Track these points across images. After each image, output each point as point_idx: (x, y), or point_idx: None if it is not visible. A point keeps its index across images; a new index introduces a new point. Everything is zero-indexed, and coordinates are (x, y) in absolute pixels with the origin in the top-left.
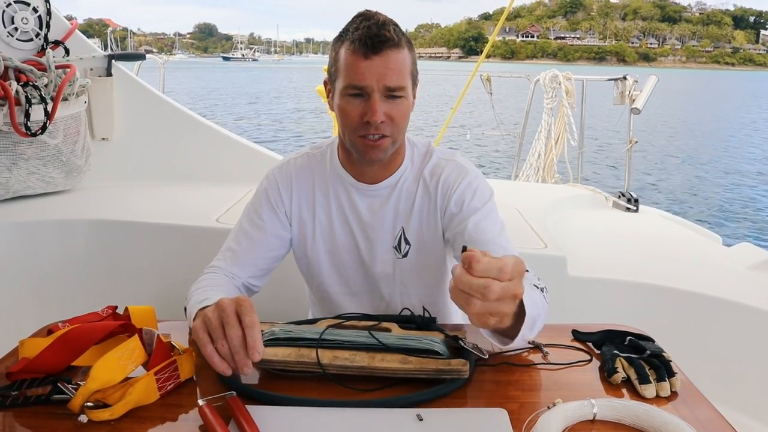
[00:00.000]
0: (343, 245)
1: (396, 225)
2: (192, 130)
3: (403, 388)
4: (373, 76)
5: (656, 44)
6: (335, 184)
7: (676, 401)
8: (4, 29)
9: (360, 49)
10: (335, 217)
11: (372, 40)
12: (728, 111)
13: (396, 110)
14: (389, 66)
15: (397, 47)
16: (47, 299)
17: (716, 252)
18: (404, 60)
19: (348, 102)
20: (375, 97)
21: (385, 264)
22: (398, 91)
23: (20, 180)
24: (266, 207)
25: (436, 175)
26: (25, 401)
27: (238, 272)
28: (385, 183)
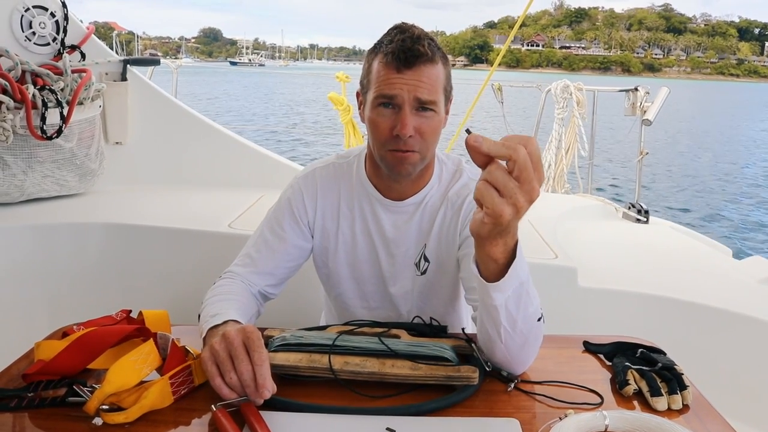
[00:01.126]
0: (364, 259)
1: (419, 243)
2: (205, 135)
3: (413, 395)
4: (405, 87)
5: (661, 55)
6: (360, 197)
7: (688, 414)
8: (21, 33)
9: (393, 62)
10: (359, 230)
11: (405, 54)
12: (737, 122)
13: (426, 125)
14: (421, 80)
15: (430, 62)
16: (61, 301)
17: (727, 265)
18: (437, 75)
19: (378, 113)
20: (405, 109)
21: (404, 281)
22: (429, 104)
23: (35, 183)
24: (288, 217)
25: (462, 196)
26: (40, 403)
27: (255, 280)
28: (410, 200)
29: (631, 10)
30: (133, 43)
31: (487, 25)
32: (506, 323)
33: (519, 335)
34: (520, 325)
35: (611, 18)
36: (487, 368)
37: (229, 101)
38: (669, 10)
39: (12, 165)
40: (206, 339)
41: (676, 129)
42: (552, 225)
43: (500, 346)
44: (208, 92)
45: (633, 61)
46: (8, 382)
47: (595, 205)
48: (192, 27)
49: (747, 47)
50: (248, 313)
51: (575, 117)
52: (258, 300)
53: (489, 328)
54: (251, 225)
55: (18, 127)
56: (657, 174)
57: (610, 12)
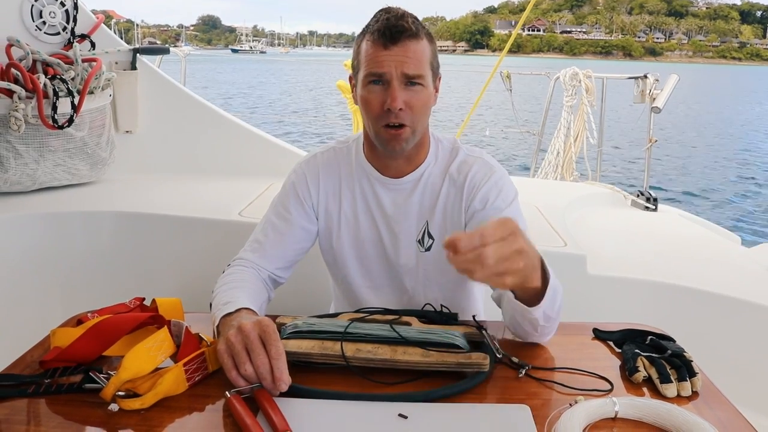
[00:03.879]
0: (367, 238)
1: (420, 219)
2: (214, 123)
3: (425, 382)
4: (392, 64)
5: (663, 39)
6: (360, 177)
7: (697, 401)
8: (32, 23)
9: (380, 39)
10: (360, 210)
11: (390, 31)
12: (742, 106)
13: (415, 98)
14: (408, 55)
15: (415, 37)
16: (74, 289)
17: (736, 252)
18: (423, 50)
19: (369, 91)
20: (394, 84)
21: (408, 257)
22: (417, 78)
23: (47, 171)
24: (293, 200)
25: (463, 172)
26: (57, 389)
27: (265, 264)
28: (409, 177)
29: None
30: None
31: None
32: (543, 322)
33: (552, 323)
34: (553, 316)
35: (612, 2)
36: (498, 355)
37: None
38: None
39: (24, 154)
40: (219, 328)
41: (682, 114)
42: (561, 213)
43: (535, 335)
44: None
45: (634, 45)
46: (24, 369)
47: (604, 192)
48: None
49: (749, 30)
50: (259, 300)
51: (584, 104)
52: (268, 286)
53: (526, 327)
54: (261, 213)
55: (30, 116)
56: (665, 161)
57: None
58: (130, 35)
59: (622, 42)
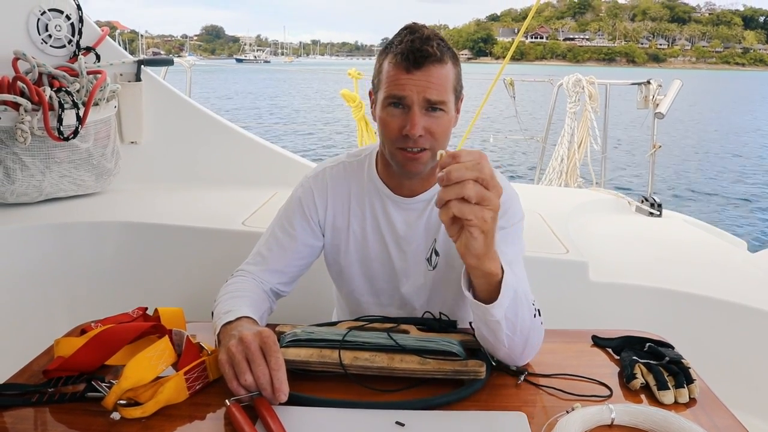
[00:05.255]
0: (375, 257)
1: (428, 237)
2: (218, 133)
3: (422, 390)
4: (414, 88)
5: (666, 45)
6: (371, 195)
7: (695, 408)
8: (38, 36)
9: (402, 62)
10: (369, 228)
11: (414, 55)
12: (746, 112)
13: (436, 124)
14: (431, 80)
15: (439, 62)
16: (79, 299)
17: (741, 258)
18: (446, 75)
19: (388, 113)
20: (415, 109)
21: (417, 277)
22: (439, 104)
23: (53, 183)
24: (299, 216)
25: None
26: (60, 398)
27: (267, 278)
28: (421, 197)
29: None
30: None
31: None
32: (508, 331)
33: (520, 336)
34: (519, 327)
35: (615, 8)
36: (494, 363)
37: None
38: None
39: (30, 166)
40: (220, 336)
41: (686, 120)
42: (564, 219)
43: (504, 349)
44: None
45: (637, 52)
46: (30, 378)
47: (608, 198)
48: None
49: (752, 35)
50: (260, 310)
51: (587, 111)
52: (270, 297)
53: (490, 338)
54: (265, 222)
55: (36, 128)
56: (670, 166)
57: (614, 3)
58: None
59: (625, 49)
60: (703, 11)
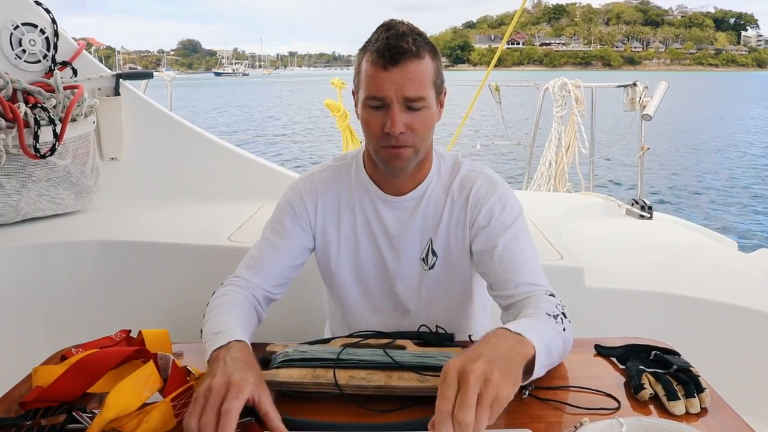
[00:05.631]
0: (367, 259)
1: (423, 237)
2: (202, 147)
3: (421, 408)
4: (392, 87)
5: (640, 48)
6: (361, 196)
7: (706, 417)
8: (12, 51)
9: (379, 60)
10: (360, 230)
11: (390, 52)
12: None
13: (417, 121)
14: (408, 77)
15: (416, 57)
16: (59, 322)
17: (734, 259)
18: (424, 70)
19: (369, 113)
20: (395, 108)
21: (411, 276)
22: (418, 101)
23: (30, 202)
24: (289, 216)
25: (466, 188)
26: (39, 431)
27: (260, 281)
28: (411, 194)
29: (609, 5)
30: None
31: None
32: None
33: (558, 358)
34: (556, 358)
35: (589, 13)
36: None
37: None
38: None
39: (6, 185)
40: (209, 362)
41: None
42: (556, 225)
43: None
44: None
45: (613, 55)
46: (6, 410)
47: (598, 202)
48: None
49: (724, 37)
50: (251, 326)
51: (574, 114)
52: (261, 306)
53: None
54: (251, 237)
55: (11, 146)
56: (656, 168)
57: (588, 7)
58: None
59: (600, 52)
60: (676, 14)
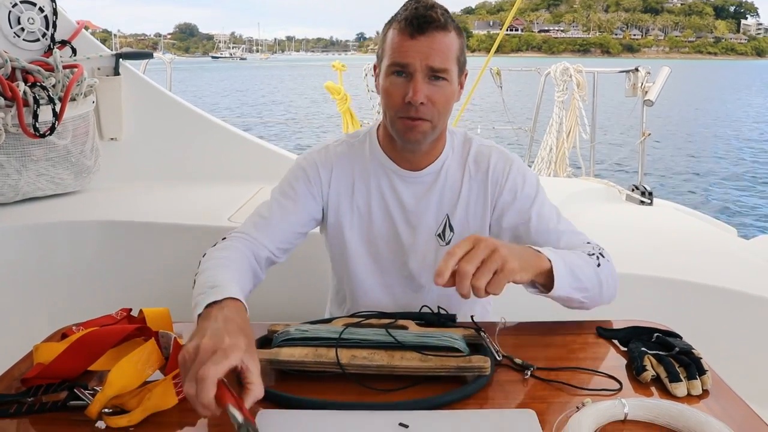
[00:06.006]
0: (381, 234)
1: (440, 212)
2: (201, 128)
3: (423, 388)
4: (417, 55)
5: (639, 35)
6: (376, 171)
7: (708, 400)
8: (10, 30)
9: (406, 28)
10: (375, 205)
11: (418, 20)
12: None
13: (438, 93)
14: (434, 47)
15: (443, 29)
16: (59, 302)
17: (734, 245)
18: (450, 43)
19: (391, 81)
20: (417, 77)
21: (427, 252)
22: (442, 72)
23: (30, 182)
24: (302, 181)
25: (483, 164)
26: (41, 408)
27: (266, 242)
28: (428, 170)
29: None
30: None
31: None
32: (580, 296)
33: (594, 289)
34: (587, 285)
35: (589, 0)
36: (498, 357)
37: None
38: None
39: (5, 164)
40: (200, 318)
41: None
42: None
43: (588, 304)
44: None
45: (612, 43)
46: (7, 387)
47: (599, 188)
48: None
49: (723, 25)
50: (247, 287)
51: (575, 99)
52: (261, 267)
53: (570, 304)
54: None
55: (10, 125)
56: (656, 154)
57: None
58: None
59: (599, 39)
60: (675, 2)
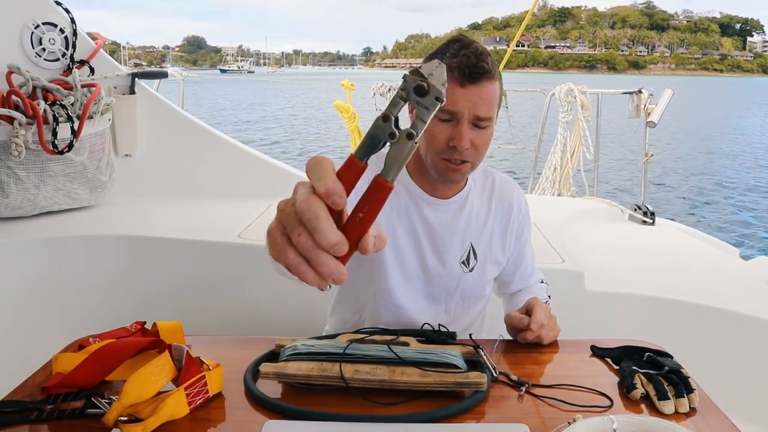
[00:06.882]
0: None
1: (465, 240)
2: (213, 145)
3: (423, 402)
4: (466, 104)
5: (645, 52)
6: (404, 198)
7: (695, 417)
8: (32, 50)
9: (458, 77)
10: (401, 230)
11: (470, 70)
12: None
13: (481, 139)
14: (482, 96)
15: (492, 78)
16: (75, 313)
17: (734, 266)
18: (495, 91)
19: (436, 125)
20: (464, 124)
21: (450, 278)
22: (486, 121)
23: (47, 196)
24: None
25: (506, 199)
26: (59, 415)
27: None
28: (455, 198)
29: (614, 8)
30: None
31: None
32: None
33: None
34: None
35: (595, 17)
36: (495, 374)
37: None
38: (651, 7)
39: (25, 179)
40: None
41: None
42: (558, 229)
43: None
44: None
45: (618, 59)
46: (27, 395)
47: (601, 207)
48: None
49: (729, 42)
50: None
51: (580, 120)
52: None
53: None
54: (261, 235)
55: (30, 142)
56: (661, 175)
57: (594, 11)
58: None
59: (605, 56)
60: (681, 18)
